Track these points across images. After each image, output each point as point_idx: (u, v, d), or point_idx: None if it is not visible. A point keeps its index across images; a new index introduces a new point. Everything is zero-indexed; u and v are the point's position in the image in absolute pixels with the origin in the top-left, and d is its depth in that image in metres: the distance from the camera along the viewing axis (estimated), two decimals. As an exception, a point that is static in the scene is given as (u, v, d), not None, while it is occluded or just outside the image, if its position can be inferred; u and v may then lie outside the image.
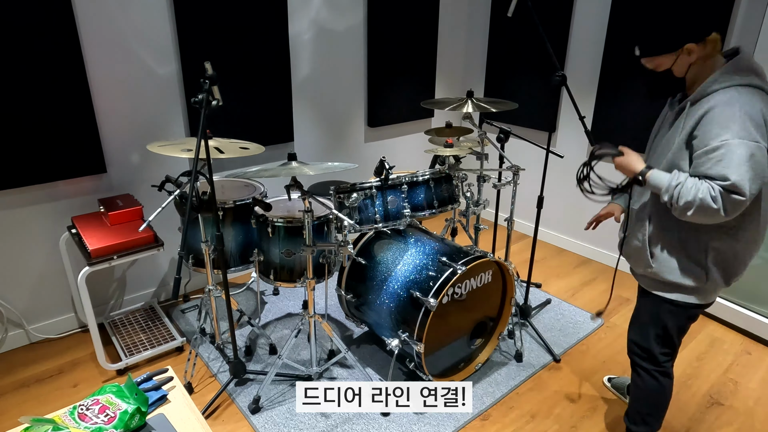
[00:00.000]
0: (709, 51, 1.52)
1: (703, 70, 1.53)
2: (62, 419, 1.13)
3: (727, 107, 1.42)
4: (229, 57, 2.83)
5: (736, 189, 1.39)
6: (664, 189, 1.52)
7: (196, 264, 2.44)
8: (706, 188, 1.43)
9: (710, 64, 1.52)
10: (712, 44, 1.51)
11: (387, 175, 2.18)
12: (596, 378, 2.48)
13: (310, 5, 3.11)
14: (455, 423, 2.18)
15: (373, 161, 3.85)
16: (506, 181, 2.54)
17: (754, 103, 1.42)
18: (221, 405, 2.26)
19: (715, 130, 1.43)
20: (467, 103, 2.46)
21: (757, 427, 2.21)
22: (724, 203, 1.41)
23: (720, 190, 1.41)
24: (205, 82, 1.73)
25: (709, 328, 2.88)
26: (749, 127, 1.39)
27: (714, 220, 1.48)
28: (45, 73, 2.32)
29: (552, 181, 3.75)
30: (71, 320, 2.77)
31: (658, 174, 1.56)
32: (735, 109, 1.41)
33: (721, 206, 1.41)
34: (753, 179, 1.39)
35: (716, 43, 1.52)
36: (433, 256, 2.26)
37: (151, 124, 2.72)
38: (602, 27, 3.20)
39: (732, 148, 1.39)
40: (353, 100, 3.57)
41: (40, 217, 2.52)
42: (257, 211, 2.31)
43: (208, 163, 1.88)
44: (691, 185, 1.46)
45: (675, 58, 1.54)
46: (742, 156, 1.39)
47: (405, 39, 3.65)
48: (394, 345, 2.18)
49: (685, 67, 1.56)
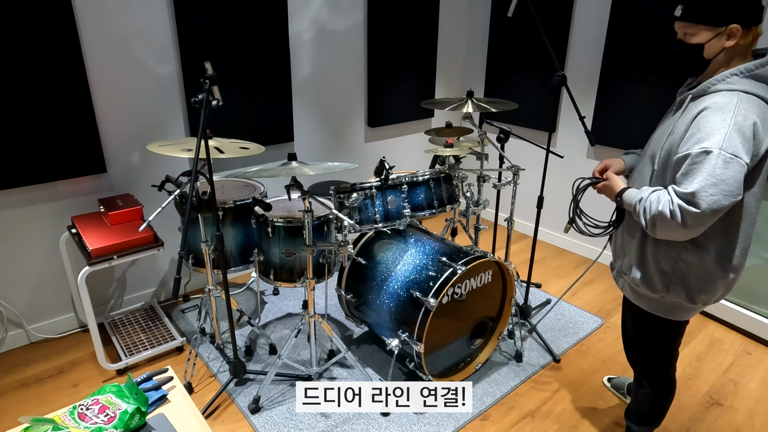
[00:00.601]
0: (748, 43, 1.40)
1: (731, 61, 1.42)
2: (62, 419, 1.13)
3: (719, 113, 1.34)
4: (229, 57, 2.83)
5: (692, 200, 1.32)
6: (632, 208, 1.47)
7: (196, 264, 2.44)
8: (666, 201, 1.37)
9: (740, 57, 1.41)
10: (754, 37, 1.39)
11: (387, 175, 2.17)
12: (596, 378, 2.48)
13: (310, 5, 3.11)
14: (455, 423, 2.18)
15: (373, 161, 3.85)
16: (506, 181, 2.54)
17: (749, 114, 1.32)
18: (221, 405, 2.26)
19: (698, 135, 1.35)
20: (467, 103, 2.46)
21: (757, 428, 2.21)
22: (683, 216, 1.34)
23: (678, 203, 1.34)
24: (205, 82, 1.73)
25: (709, 328, 2.88)
26: (734, 139, 1.31)
27: (682, 236, 1.40)
28: (45, 72, 2.32)
29: (552, 181, 3.75)
30: (71, 320, 2.77)
31: (629, 193, 1.52)
32: (727, 116, 1.33)
33: (680, 220, 1.34)
34: (715, 193, 1.30)
35: (757, 37, 1.40)
36: (433, 256, 2.26)
37: (151, 124, 2.72)
38: (602, 27, 3.20)
39: (708, 158, 1.31)
40: (353, 100, 3.57)
41: (40, 217, 2.52)
42: (257, 211, 2.31)
43: (208, 163, 1.88)
44: (653, 199, 1.40)
45: (713, 35, 1.38)
46: (714, 167, 1.30)
47: (405, 39, 3.65)
48: (394, 345, 2.18)
49: (718, 50, 1.40)
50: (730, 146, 1.31)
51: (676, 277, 1.54)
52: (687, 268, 1.52)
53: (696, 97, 1.46)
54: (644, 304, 1.66)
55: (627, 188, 1.56)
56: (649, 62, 3.01)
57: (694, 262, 1.50)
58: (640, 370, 1.85)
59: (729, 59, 1.43)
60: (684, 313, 1.61)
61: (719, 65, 1.45)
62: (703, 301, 1.56)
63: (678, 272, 1.53)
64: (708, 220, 1.35)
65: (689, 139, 1.38)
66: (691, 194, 1.32)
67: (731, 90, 1.37)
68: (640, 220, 1.45)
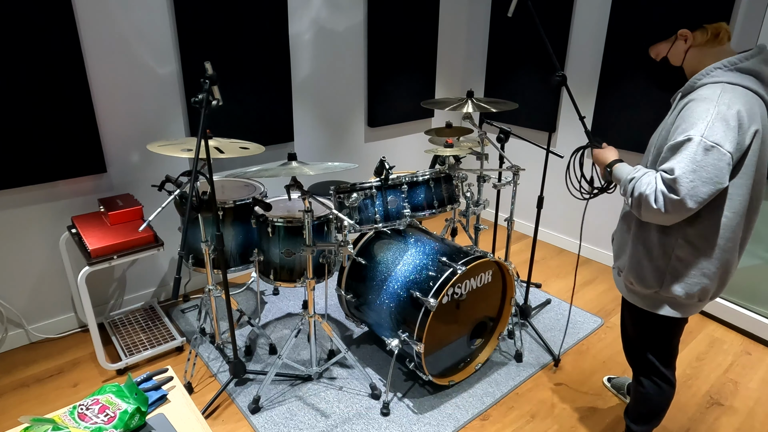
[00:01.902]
0: (708, 40, 1.47)
1: (703, 61, 1.49)
2: (62, 419, 1.13)
3: (703, 103, 1.38)
4: (229, 57, 2.83)
5: (673, 186, 1.35)
6: (622, 182, 1.50)
7: (196, 264, 2.45)
8: (651, 185, 1.39)
9: (712, 55, 1.47)
10: (713, 32, 1.46)
11: (387, 175, 2.18)
12: (596, 378, 2.48)
13: (310, 5, 3.11)
14: (455, 423, 2.18)
15: (373, 161, 3.85)
16: (506, 181, 2.54)
17: (733, 104, 1.36)
18: (221, 405, 2.26)
19: (683, 125, 1.39)
20: (467, 103, 2.47)
21: (757, 428, 2.21)
22: (664, 201, 1.37)
23: (662, 189, 1.37)
24: (205, 82, 1.74)
25: (709, 328, 2.88)
26: (717, 127, 1.34)
27: (665, 220, 1.42)
28: (45, 72, 2.32)
29: (552, 181, 3.75)
30: (71, 320, 2.77)
31: (622, 168, 1.55)
32: (710, 106, 1.37)
33: (661, 205, 1.37)
34: (694, 180, 1.33)
35: (719, 32, 1.46)
36: (433, 256, 2.26)
37: (151, 124, 2.72)
38: (602, 27, 3.21)
39: (689, 145, 1.35)
40: (353, 100, 3.57)
41: (40, 217, 2.52)
42: (257, 211, 2.31)
43: (208, 163, 1.88)
44: (645, 181, 1.42)
45: (670, 45, 1.53)
46: (694, 154, 1.34)
47: (405, 39, 3.65)
48: (394, 345, 2.18)
49: (681, 55, 1.53)
50: (711, 134, 1.34)
51: (669, 273, 1.56)
52: (679, 263, 1.54)
53: (685, 94, 1.51)
54: (639, 301, 1.67)
55: (619, 161, 1.59)
56: (649, 62, 3.01)
57: (687, 257, 1.52)
58: (639, 369, 1.85)
59: (700, 59, 1.50)
60: (679, 309, 1.62)
61: (693, 68, 1.53)
62: (699, 297, 1.57)
63: (671, 268, 1.55)
64: (686, 207, 1.36)
65: (674, 131, 1.42)
66: (672, 180, 1.36)
67: (716, 82, 1.42)
68: (626, 197, 1.48)
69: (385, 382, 2.39)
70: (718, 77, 1.42)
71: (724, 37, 1.48)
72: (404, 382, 2.39)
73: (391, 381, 2.40)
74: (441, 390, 2.35)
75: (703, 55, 1.49)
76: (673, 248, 1.53)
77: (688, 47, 1.50)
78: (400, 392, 2.33)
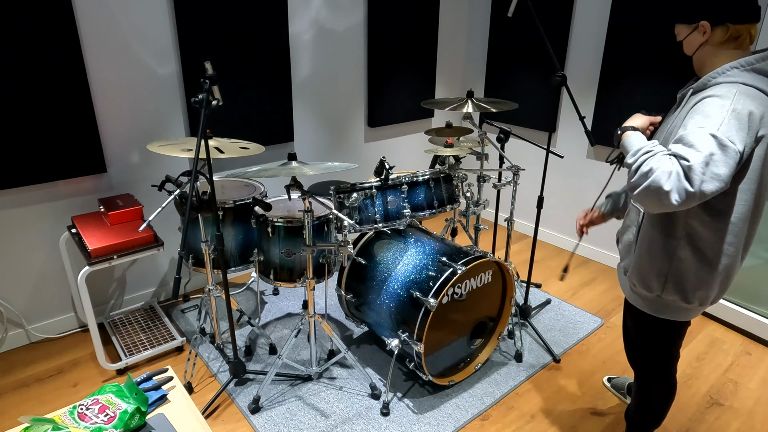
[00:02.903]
0: (726, 40, 1.42)
1: (715, 59, 1.44)
2: (62, 419, 1.13)
3: (718, 100, 1.36)
4: (229, 57, 2.83)
5: (689, 173, 1.27)
6: (633, 150, 1.40)
7: (196, 264, 2.45)
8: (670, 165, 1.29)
9: (727, 55, 1.43)
10: (733, 34, 1.41)
11: (387, 175, 2.18)
12: (596, 378, 2.48)
13: (310, 5, 3.11)
14: (455, 423, 2.18)
15: (373, 161, 3.85)
16: (506, 181, 2.54)
17: (747, 104, 1.34)
18: (221, 405, 2.26)
19: (696, 118, 1.35)
20: (467, 103, 2.47)
21: (757, 428, 2.21)
22: (678, 186, 1.27)
23: (679, 171, 1.27)
24: (205, 82, 1.74)
25: (709, 328, 2.88)
26: (731, 124, 1.31)
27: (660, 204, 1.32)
28: (45, 72, 2.32)
29: (552, 181, 3.75)
30: (71, 320, 2.77)
31: (636, 136, 1.45)
32: (726, 102, 1.34)
33: (673, 187, 1.27)
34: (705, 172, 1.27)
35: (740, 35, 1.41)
36: (433, 256, 2.26)
37: (151, 124, 2.72)
38: (602, 27, 3.21)
39: (702, 137, 1.30)
40: (353, 100, 3.57)
41: (40, 217, 2.52)
42: (257, 211, 2.31)
43: (208, 163, 1.88)
44: (664, 159, 1.32)
45: (689, 32, 1.47)
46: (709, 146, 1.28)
47: (405, 39, 3.65)
48: (394, 345, 2.18)
49: (695, 47, 1.47)
50: (726, 131, 1.31)
51: (672, 276, 1.54)
52: (682, 266, 1.52)
53: (697, 92, 1.47)
54: (641, 304, 1.67)
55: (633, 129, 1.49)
56: (649, 62, 3.02)
57: (689, 261, 1.51)
58: (640, 371, 1.85)
59: (712, 57, 1.46)
60: (681, 313, 1.61)
61: (702, 63, 1.49)
62: (699, 301, 1.56)
63: (674, 270, 1.54)
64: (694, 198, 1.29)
65: (687, 123, 1.37)
66: (689, 167, 1.28)
67: (731, 82, 1.39)
68: (632, 168, 1.38)
69: (385, 382, 2.39)
70: (734, 77, 1.39)
71: (745, 41, 1.43)
72: (404, 382, 2.39)
73: (391, 381, 2.40)
74: (441, 390, 2.35)
75: (715, 54, 1.45)
76: (675, 250, 1.52)
77: (703, 41, 1.44)
78: (400, 392, 2.33)
